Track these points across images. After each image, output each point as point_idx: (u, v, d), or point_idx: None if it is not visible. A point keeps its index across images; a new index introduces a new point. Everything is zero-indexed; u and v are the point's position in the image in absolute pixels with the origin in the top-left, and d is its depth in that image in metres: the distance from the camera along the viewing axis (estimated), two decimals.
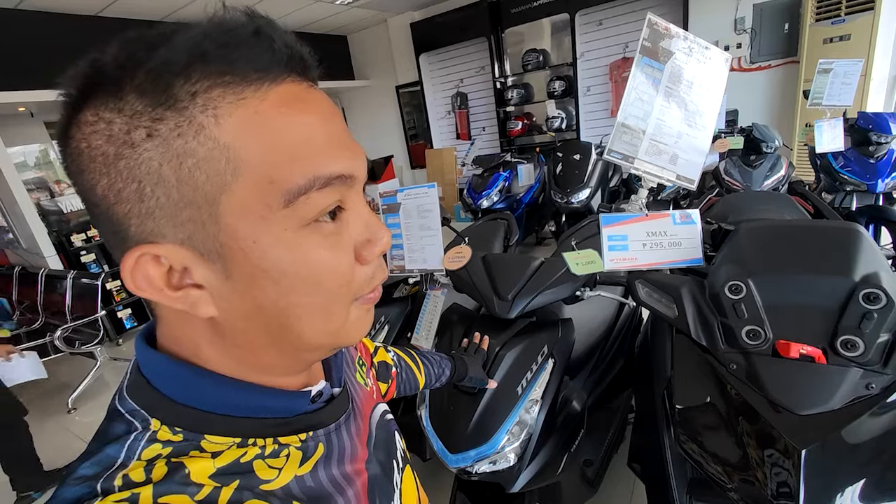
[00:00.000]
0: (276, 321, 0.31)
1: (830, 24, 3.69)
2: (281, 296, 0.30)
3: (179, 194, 0.27)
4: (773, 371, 0.76)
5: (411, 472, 0.51)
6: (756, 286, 0.81)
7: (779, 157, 2.73)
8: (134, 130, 0.26)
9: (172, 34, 0.27)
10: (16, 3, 3.62)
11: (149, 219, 0.28)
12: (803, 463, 0.67)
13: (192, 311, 0.30)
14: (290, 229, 0.29)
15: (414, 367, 0.79)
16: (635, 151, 0.95)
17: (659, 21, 0.93)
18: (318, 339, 0.33)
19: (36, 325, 3.57)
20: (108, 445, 0.30)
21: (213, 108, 0.27)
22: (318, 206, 0.29)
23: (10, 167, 3.58)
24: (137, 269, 0.28)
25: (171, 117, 0.26)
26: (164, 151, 0.26)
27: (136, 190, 0.27)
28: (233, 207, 0.28)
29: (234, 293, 0.30)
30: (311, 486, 0.34)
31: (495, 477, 1.14)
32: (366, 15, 5.84)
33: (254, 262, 0.29)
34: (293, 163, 0.28)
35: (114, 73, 0.27)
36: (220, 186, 0.27)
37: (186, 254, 0.29)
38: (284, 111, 0.28)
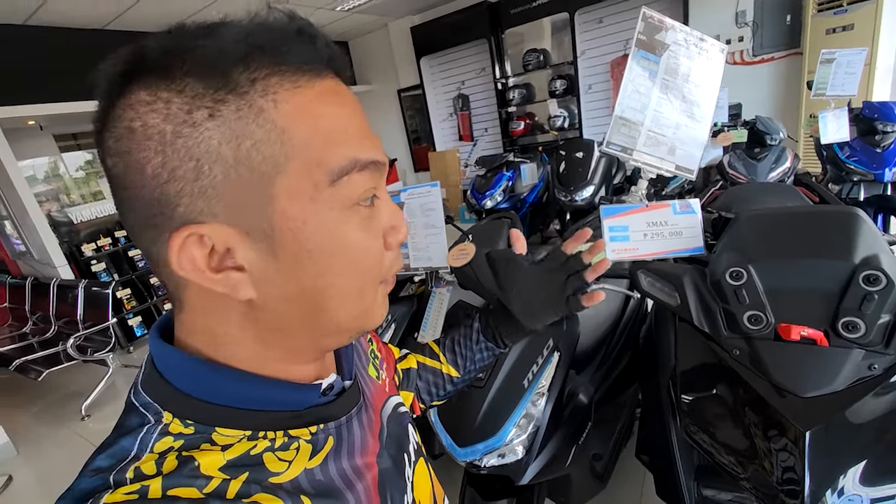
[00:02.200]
0: (314, 302, 0.33)
1: (833, 14, 3.67)
2: (322, 275, 0.32)
3: (236, 173, 0.28)
4: (776, 355, 0.76)
5: (425, 465, 0.51)
6: (757, 272, 0.81)
7: (783, 150, 2.72)
8: (195, 111, 0.28)
9: (217, 28, 0.30)
10: (24, 19, 3.70)
11: (201, 198, 0.28)
12: (808, 444, 0.68)
13: (233, 294, 0.30)
14: (334, 209, 0.31)
15: (434, 362, 0.71)
16: (634, 143, 0.96)
17: (654, 14, 0.94)
18: (348, 321, 0.35)
19: (49, 334, 3.63)
20: (123, 438, 0.30)
21: (273, 93, 0.29)
22: (359, 188, 0.32)
23: (21, 180, 3.65)
24: (184, 249, 0.29)
25: (232, 100, 0.28)
26: (225, 132, 0.28)
27: (192, 168, 0.28)
28: (286, 188, 0.29)
29: (278, 274, 0.31)
30: (321, 480, 0.35)
31: (504, 470, 1.15)
32: (366, 20, 5.90)
33: (301, 242, 0.30)
34: (337, 146, 0.31)
35: (166, 59, 0.28)
36: (276, 167, 0.29)
37: (233, 234, 0.29)
38: (328, 101, 0.31)
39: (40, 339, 3.59)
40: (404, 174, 7.07)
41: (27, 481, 2.53)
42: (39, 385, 3.09)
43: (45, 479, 2.52)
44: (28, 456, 2.74)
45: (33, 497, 2.36)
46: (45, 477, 2.54)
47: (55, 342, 3.33)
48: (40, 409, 3.27)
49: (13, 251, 4.36)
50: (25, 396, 3.44)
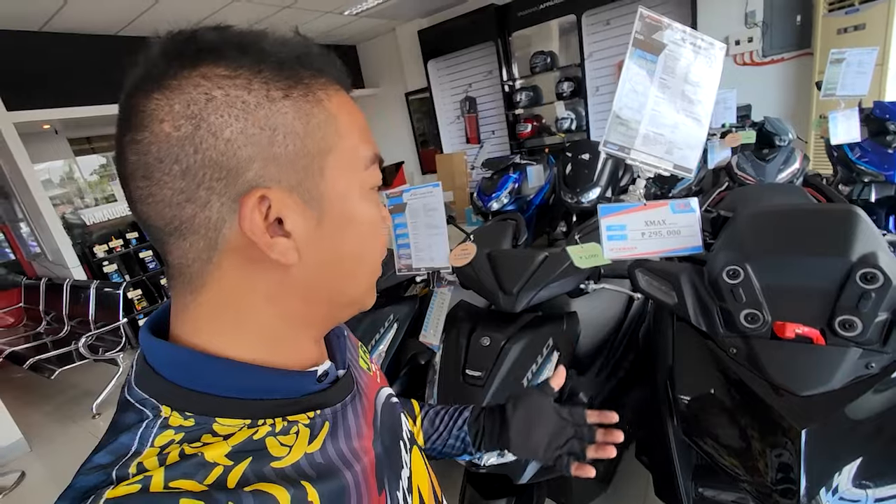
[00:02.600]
0: (346, 267, 0.38)
1: (844, 13, 3.63)
2: (357, 242, 0.38)
3: (304, 144, 0.33)
4: (773, 353, 0.76)
5: (419, 454, 0.52)
6: (754, 270, 0.81)
7: (793, 151, 2.69)
8: (273, 90, 0.32)
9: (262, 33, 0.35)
10: (40, 26, 3.80)
11: (272, 163, 0.32)
12: (804, 443, 0.67)
13: (282, 258, 0.33)
14: (365, 188, 0.38)
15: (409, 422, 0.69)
16: (631, 142, 0.96)
17: (651, 14, 0.94)
18: (361, 291, 0.41)
19: (62, 333, 3.71)
20: (122, 434, 0.31)
21: (326, 89, 0.36)
22: (377, 175, 0.39)
23: (37, 183, 3.74)
24: (256, 209, 0.31)
25: (300, 88, 0.34)
26: (297, 110, 0.33)
27: (269, 136, 0.32)
28: (336, 163, 0.36)
29: (322, 240, 0.35)
30: (321, 462, 0.35)
31: (503, 469, 1.15)
32: (374, 24, 5.95)
33: (344, 210, 0.36)
34: (366, 140, 0.38)
35: (236, 48, 0.32)
36: (331, 144, 0.35)
37: (291, 201, 0.33)
38: (353, 107, 0.39)
39: (54, 339, 3.66)
40: (412, 177, 7.10)
41: (40, 477, 2.58)
42: (52, 383, 3.16)
43: (57, 475, 2.57)
44: (41, 452, 2.80)
45: (45, 492, 2.41)
46: (56, 473, 2.59)
47: (68, 341, 3.40)
48: (53, 407, 3.34)
49: (28, 252, 4.45)
50: (39, 394, 3.51)
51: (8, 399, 2.82)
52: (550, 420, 0.62)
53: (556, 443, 0.61)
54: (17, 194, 3.88)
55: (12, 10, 3.43)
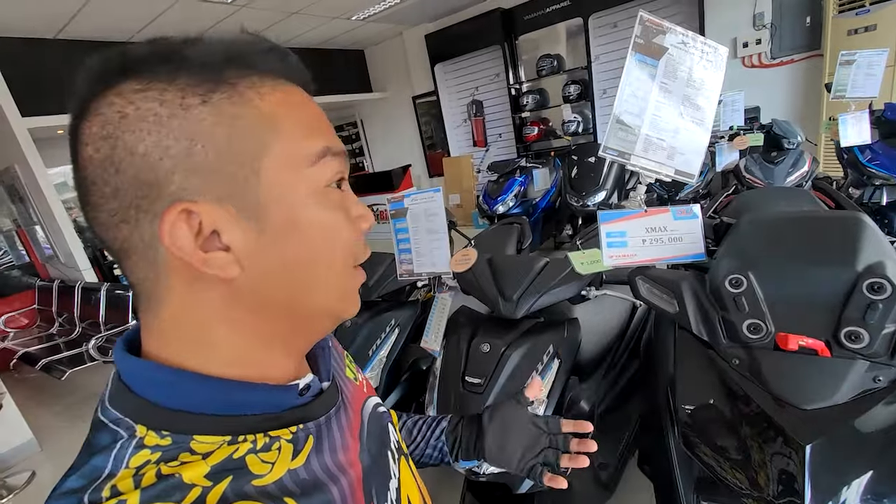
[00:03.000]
0: (298, 277, 0.35)
1: (855, 14, 3.57)
2: (306, 248, 0.35)
3: (229, 150, 0.31)
4: (776, 365, 0.74)
5: (407, 464, 0.51)
6: (757, 279, 0.79)
7: (801, 153, 2.65)
8: (188, 97, 0.31)
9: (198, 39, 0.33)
10: (55, 34, 3.88)
11: (193, 174, 0.30)
12: (808, 458, 0.66)
13: (221, 273, 0.31)
14: (313, 188, 0.35)
15: None
16: (631, 148, 0.95)
17: (652, 18, 0.93)
18: (326, 301, 0.37)
19: (74, 335, 3.76)
20: (95, 456, 0.29)
21: (258, 87, 0.33)
22: (332, 170, 0.36)
23: (51, 188, 3.82)
24: (177, 224, 0.30)
25: (223, 90, 0.32)
26: (218, 114, 0.31)
27: (186, 147, 0.30)
28: (273, 165, 0.33)
29: (265, 249, 0.33)
30: (305, 478, 0.34)
31: (503, 478, 1.14)
32: (382, 29, 5.99)
33: (287, 216, 0.33)
34: (315, 134, 0.36)
35: (155, 59, 0.31)
36: (263, 146, 0.32)
37: (221, 213, 0.31)
38: (301, 100, 0.36)
39: (66, 340, 3.72)
40: (419, 179, 7.11)
41: (50, 477, 2.62)
42: (63, 384, 3.20)
43: None
44: (51, 452, 2.84)
45: None
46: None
47: (79, 343, 3.44)
48: (63, 407, 3.38)
49: (42, 255, 4.54)
50: (50, 395, 3.56)
51: (20, 399, 2.86)
52: (525, 430, 0.62)
53: (530, 453, 0.61)
54: (32, 198, 3.96)
55: (28, 19, 3.51)
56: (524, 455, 0.61)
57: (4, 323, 4.18)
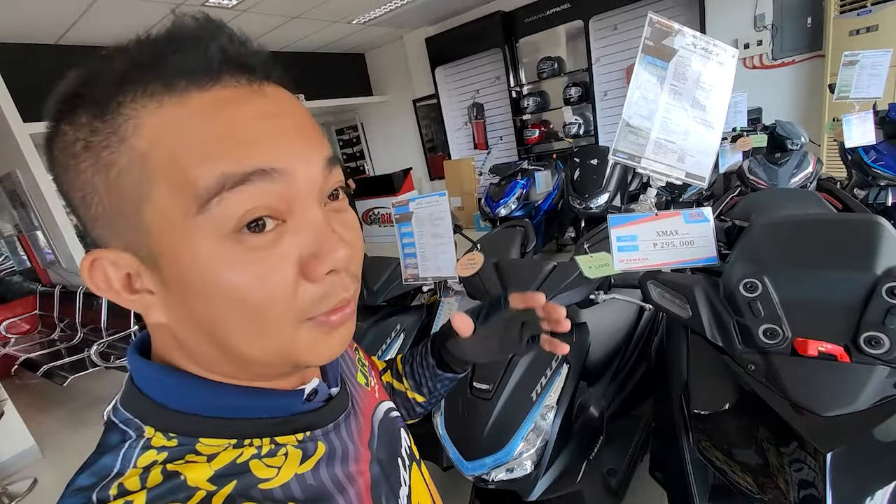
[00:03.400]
0: (213, 334, 0.31)
1: (856, 15, 3.57)
2: (208, 308, 0.29)
3: (110, 204, 0.28)
4: (794, 371, 0.72)
5: (419, 471, 0.50)
6: (772, 283, 0.78)
7: (805, 154, 2.64)
8: (76, 142, 0.28)
9: (123, 50, 0.29)
10: (56, 40, 3.89)
11: (95, 226, 0.30)
12: (829, 466, 0.64)
13: (146, 315, 0.31)
14: (209, 238, 0.27)
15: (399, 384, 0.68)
16: (641, 151, 0.94)
17: (661, 19, 0.93)
18: (264, 356, 0.32)
19: (75, 340, 3.75)
20: (104, 455, 0.30)
21: (134, 117, 0.27)
22: (236, 210, 0.27)
23: (52, 193, 3.81)
24: (94, 270, 0.30)
25: (102, 129, 0.27)
26: (95, 162, 0.27)
27: (80, 199, 0.29)
28: (155, 216, 0.27)
29: (173, 301, 0.30)
30: (312, 485, 0.34)
31: (512, 485, 1.12)
32: (382, 32, 5.99)
33: (180, 272, 0.28)
34: (202, 162, 0.27)
35: (70, 90, 0.28)
36: (141, 196, 0.27)
37: (132, 260, 0.29)
38: (203, 114, 0.27)
39: (67, 346, 3.70)
40: (419, 183, 7.11)
41: (51, 484, 2.60)
42: (64, 390, 3.18)
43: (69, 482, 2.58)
44: (52, 459, 2.82)
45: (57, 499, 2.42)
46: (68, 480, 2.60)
47: (81, 349, 3.43)
48: (65, 413, 3.37)
49: (44, 260, 4.52)
50: (51, 401, 3.54)
51: (22, 406, 2.85)
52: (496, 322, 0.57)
53: (509, 335, 0.56)
54: (34, 204, 3.96)
55: (29, 25, 3.51)
56: (504, 339, 0.56)
57: (6, 329, 4.16)
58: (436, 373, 0.64)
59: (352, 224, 0.35)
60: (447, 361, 0.62)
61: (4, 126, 3.57)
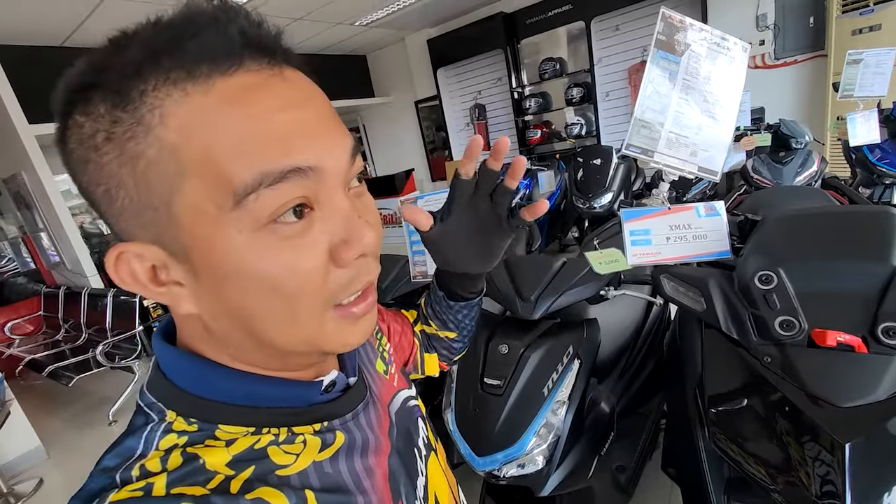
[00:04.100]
0: (244, 323, 0.31)
1: (859, 14, 3.57)
2: (242, 299, 0.29)
3: (138, 196, 0.27)
4: (811, 362, 0.73)
5: (437, 460, 0.50)
6: (787, 275, 0.78)
7: (810, 153, 2.64)
8: (97, 134, 0.27)
9: (135, 35, 0.28)
10: (61, 41, 3.90)
11: (120, 219, 0.29)
12: (848, 458, 0.64)
13: (175, 307, 0.31)
14: (244, 231, 0.27)
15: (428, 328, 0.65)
16: (654, 145, 0.94)
17: (673, 14, 0.93)
18: (293, 344, 0.32)
19: (80, 341, 3.75)
20: (128, 437, 0.31)
21: (159, 106, 0.26)
22: (272, 204, 0.27)
23: (57, 194, 3.82)
24: (120, 264, 0.29)
25: (125, 119, 0.26)
26: (120, 154, 0.27)
27: (103, 192, 0.28)
28: (186, 209, 0.27)
29: (206, 293, 0.30)
30: (329, 474, 0.34)
31: (524, 480, 1.12)
32: (384, 34, 6.01)
33: (214, 264, 0.28)
34: (239, 159, 0.26)
35: (83, 79, 0.27)
36: (172, 189, 0.27)
37: (160, 253, 0.29)
38: (232, 104, 0.27)
39: (72, 347, 3.71)
40: (421, 184, 7.12)
41: (57, 484, 2.60)
42: (70, 391, 3.19)
43: (74, 482, 2.57)
44: (58, 460, 2.82)
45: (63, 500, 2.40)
46: (74, 480, 2.60)
47: (86, 349, 3.43)
48: (70, 414, 3.37)
49: (48, 262, 4.53)
50: (57, 402, 3.54)
51: (28, 407, 2.85)
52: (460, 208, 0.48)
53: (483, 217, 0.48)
54: (39, 205, 3.97)
55: (34, 27, 3.53)
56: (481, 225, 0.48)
57: (10, 330, 4.17)
58: (449, 304, 0.60)
59: (372, 207, 0.36)
60: (452, 288, 0.57)
61: (10, 128, 3.58)
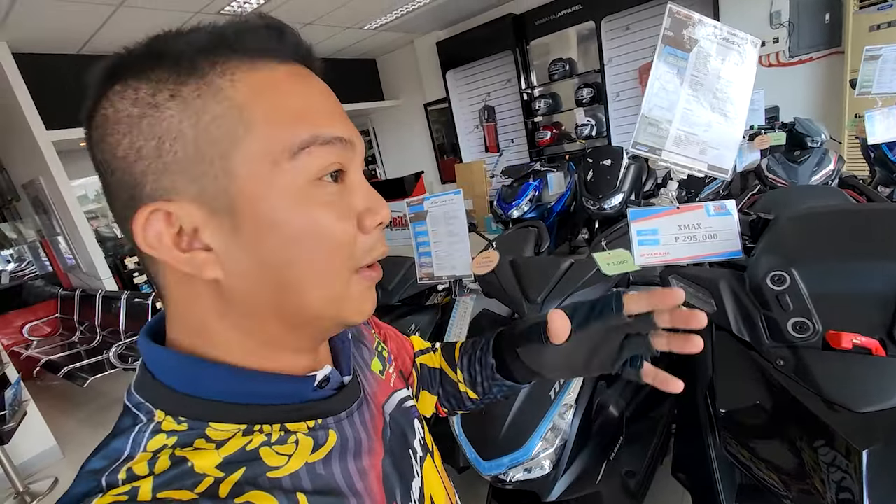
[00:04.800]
0: (279, 280, 0.32)
1: (877, 10, 3.49)
2: (285, 249, 0.31)
3: (196, 148, 0.30)
4: (826, 365, 0.70)
5: (432, 462, 0.49)
6: (801, 275, 0.76)
7: (826, 151, 2.57)
8: (159, 94, 0.29)
9: (192, 30, 0.31)
10: (78, 49, 4.00)
11: (165, 174, 0.30)
12: (865, 465, 0.62)
13: (199, 274, 0.31)
14: (296, 182, 0.31)
15: (452, 374, 0.62)
16: (662, 143, 0.92)
17: (681, 9, 0.91)
18: (320, 306, 0.34)
19: (94, 343, 3.82)
20: (115, 439, 0.30)
21: (231, 73, 0.30)
22: (321, 161, 0.32)
23: (73, 199, 3.91)
24: (150, 225, 0.30)
25: (193, 82, 0.30)
26: (185, 109, 0.29)
27: (155, 146, 0.29)
28: (245, 160, 0.30)
29: (242, 249, 0.31)
30: (321, 475, 0.34)
31: (530, 485, 1.11)
32: (393, 38, 6.04)
33: (262, 214, 0.31)
34: (299, 121, 0.31)
35: (143, 54, 0.31)
36: (234, 141, 0.30)
37: (198, 212, 0.30)
38: (291, 81, 0.33)
39: (87, 348, 3.78)
40: (431, 186, 7.13)
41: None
42: (84, 391, 3.24)
43: None
44: (73, 459, 2.87)
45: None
46: None
47: (100, 351, 3.49)
48: (85, 414, 3.43)
49: (65, 265, 4.64)
50: (72, 402, 3.61)
51: (44, 407, 2.90)
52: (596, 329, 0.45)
53: (605, 348, 0.45)
54: (56, 209, 4.06)
55: (53, 36, 3.62)
56: (595, 351, 0.46)
57: (28, 331, 4.27)
58: (493, 375, 0.56)
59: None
60: (512, 368, 0.53)
61: (28, 134, 3.67)
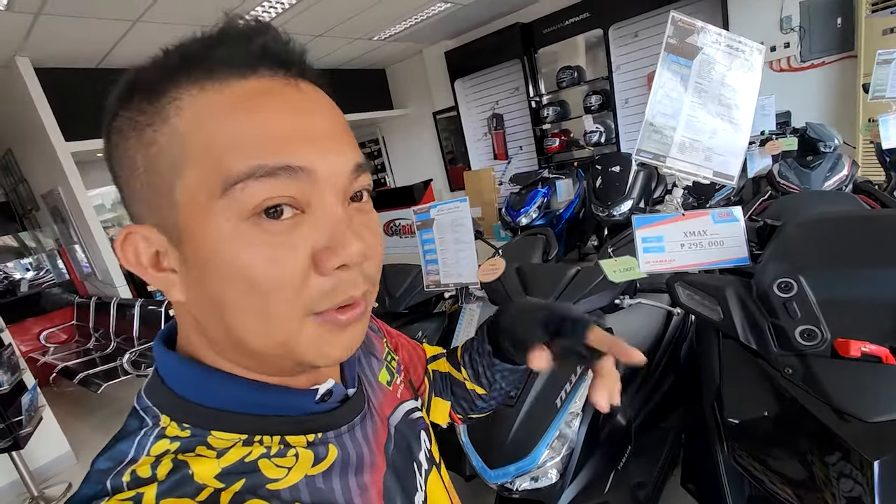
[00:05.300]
0: (221, 317, 0.31)
1: (890, 13, 3.45)
2: (221, 289, 0.30)
3: (148, 180, 0.30)
4: (835, 374, 0.69)
5: (438, 476, 0.49)
6: (808, 282, 0.75)
7: (839, 157, 2.53)
8: (126, 123, 0.31)
9: (178, 46, 0.31)
10: (97, 63, 4.12)
11: (135, 202, 0.32)
12: (877, 477, 0.60)
13: (166, 293, 0.32)
14: (231, 220, 0.29)
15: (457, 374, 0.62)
16: (666, 150, 0.92)
17: (684, 17, 0.92)
18: (267, 347, 0.32)
19: (109, 349, 3.88)
20: (121, 441, 0.31)
21: (178, 99, 0.29)
22: (257, 196, 0.28)
23: (90, 208, 4.00)
24: (127, 244, 0.32)
25: (149, 110, 0.30)
26: (138, 141, 0.30)
27: (125, 176, 0.32)
28: (185, 193, 0.29)
29: (191, 280, 0.31)
30: (321, 489, 0.34)
31: (537, 494, 1.10)
32: (402, 48, 6.12)
33: (199, 250, 0.30)
34: (236, 151, 0.28)
35: (128, 82, 0.31)
36: (176, 174, 0.29)
37: (161, 237, 0.31)
38: (241, 103, 0.29)
39: (101, 355, 3.84)
40: (440, 194, 7.16)
41: None
42: (98, 397, 3.29)
43: None
44: (86, 465, 2.79)
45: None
46: None
47: (114, 357, 3.55)
48: (99, 420, 3.47)
49: (81, 273, 4.73)
50: (86, 408, 3.66)
51: (59, 413, 2.95)
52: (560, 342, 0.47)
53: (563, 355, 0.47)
54: (73, 219, 4.16)
55: (72, 50, 3.73)
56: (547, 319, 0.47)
57: (45, 338, 4.35)
58: (493, 362, 0.57)
59: (372, 226, 0.35)
60: (504, 345, 0.54)
61: (48, 145, 3.78)
